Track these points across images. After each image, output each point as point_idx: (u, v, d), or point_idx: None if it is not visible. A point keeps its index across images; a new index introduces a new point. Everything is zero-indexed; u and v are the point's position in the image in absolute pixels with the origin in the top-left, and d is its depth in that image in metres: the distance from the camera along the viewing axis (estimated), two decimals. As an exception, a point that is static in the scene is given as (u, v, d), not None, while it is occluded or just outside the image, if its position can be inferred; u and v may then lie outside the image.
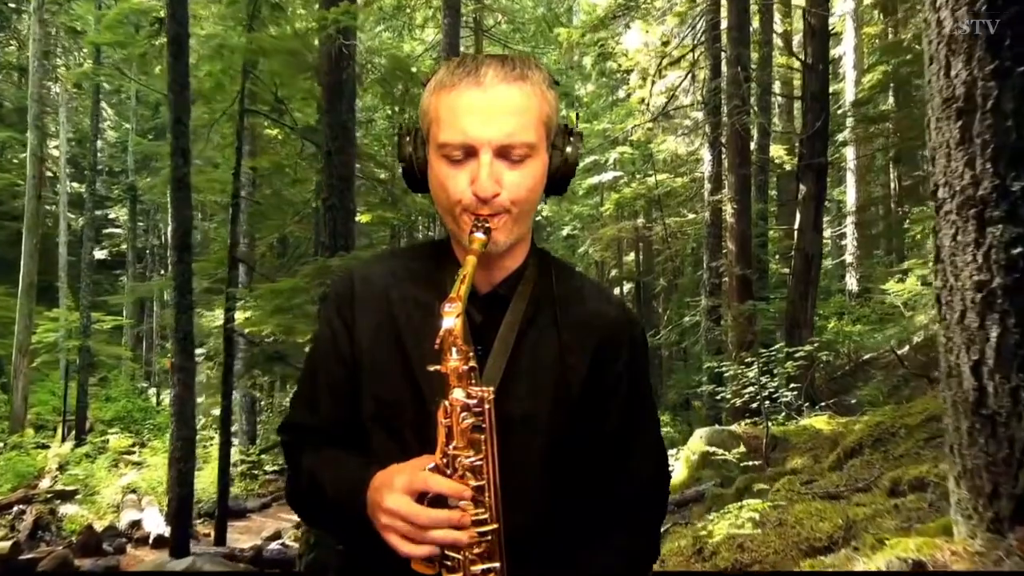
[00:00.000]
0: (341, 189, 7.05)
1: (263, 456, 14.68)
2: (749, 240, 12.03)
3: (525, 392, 1.14)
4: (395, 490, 1.01)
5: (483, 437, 1.02)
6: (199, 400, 20.31)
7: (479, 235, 1.06)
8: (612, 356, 1.20)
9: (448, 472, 1.01)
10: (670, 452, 11.00)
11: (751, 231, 12.21)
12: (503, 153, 1.08)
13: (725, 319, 11.86)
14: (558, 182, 1.18)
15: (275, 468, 14.03)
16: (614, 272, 24.29)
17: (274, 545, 10.03)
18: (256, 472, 14.11)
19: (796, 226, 11.95)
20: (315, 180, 11.96)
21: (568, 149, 1.17)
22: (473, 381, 1.02)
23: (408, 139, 1.18)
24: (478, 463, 1.01)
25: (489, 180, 1.06)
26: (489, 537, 1.02)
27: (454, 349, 1.00)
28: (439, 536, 0.99)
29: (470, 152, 1.07)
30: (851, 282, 19.70)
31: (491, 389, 1.03)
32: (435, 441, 1.02)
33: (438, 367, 1.01)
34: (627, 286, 24.53)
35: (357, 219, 10.47)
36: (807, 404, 9.51)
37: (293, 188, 11.61)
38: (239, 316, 9.29)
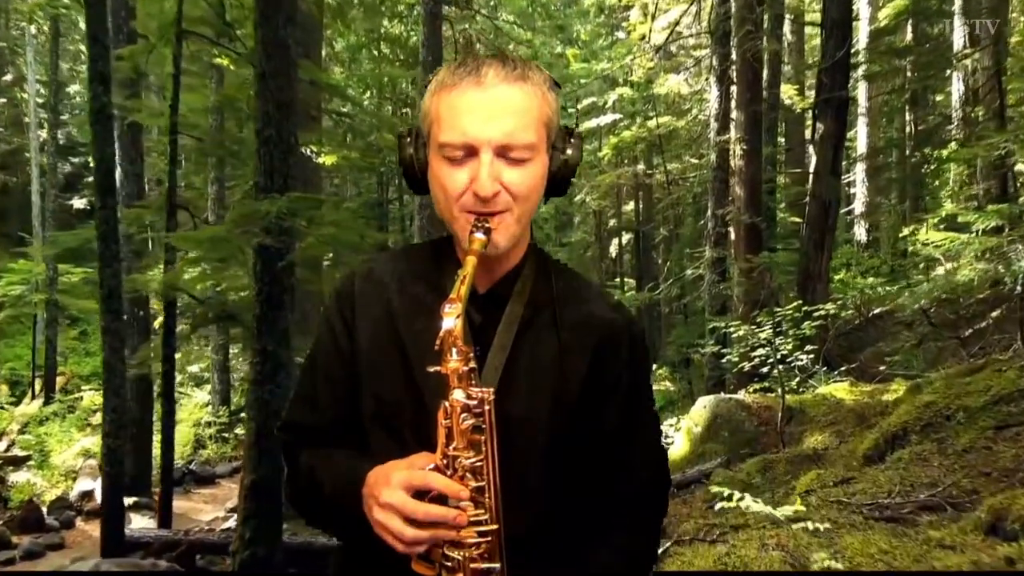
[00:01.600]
0: (278, 119, 5.73)
1: (242, 415, 13.49)
2: (759, 185, 10.69)
3: (524, 392, 1.11)
4: (392, 486, 0.98)
5: (483, 438, 1.00)
6: (177, 355, 19.21)
7: (479, 235, 1.04)
8: (611, 356, 1.17)
9: (448, 473, 0.98)
10: (670, 421, 9.84)
11: (761, 175, 10.86)
12: (503, 153, 1.05)
13: (731, 273, 10.60)
14: (558, 183, 1.16)
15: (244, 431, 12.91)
16: (612, 222, 23.01)
17: (232, 522, 8.96)
18: (227, 435, 12.97)
19: (812, 169, 10.60)
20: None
21: (569, 151, 1.15)
22: (473, 382, 1.00)
23: (408, 140, 1.15)
24: (478, 464, 1.00)
25: (489, 179, 1.04)
26: (489, 537, 1.00)
27: (454, 350, 0.98)
28: (430, 533, 0.96)
29: (470, 152, 1.05)
30: (859, 232, 18.50)
31: (491, 390, 1.00)
32: (434, 441, 1.01)
33: (438, 368, 0.99)
34: (626, 236, 23.25)
35: (320, 160, 9.16)
36: (824, 368, 8.32)
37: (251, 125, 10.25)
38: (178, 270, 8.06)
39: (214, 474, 11.68)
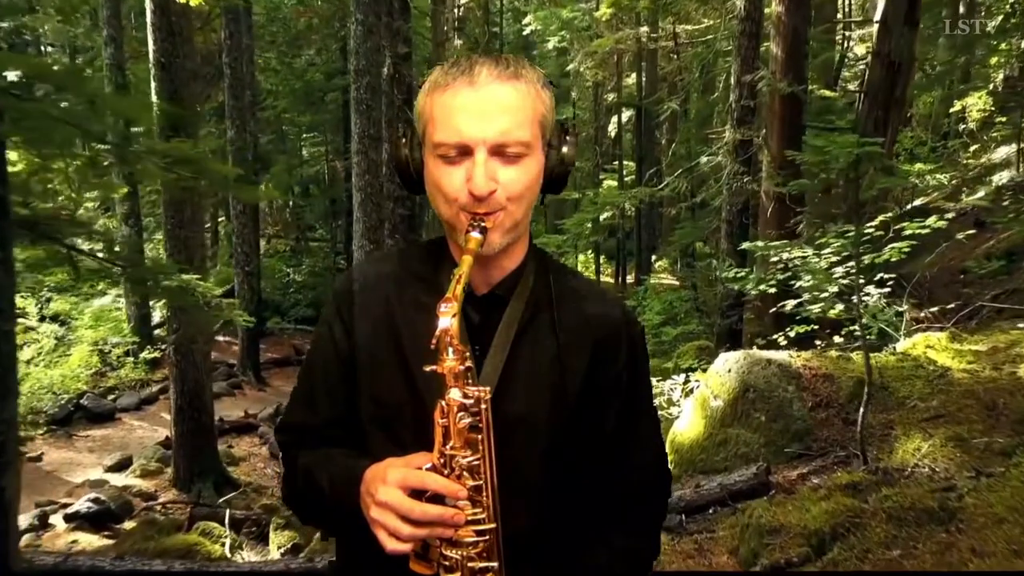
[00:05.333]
0: None
1: (157, 333, 10.88)
2: (803, 41, 7.57)
3: (523, 392, 1.06)
4: (389, 483, 0.92)
5: (480, 437, 0.95)
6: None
7: (475, 235, 1.00)
8: (610, 356, 1.12)
9: (445, 472, 0.93)
10: (674, 379, 7.20)
11: (807, 28, 7.72)
12: (498, 151, 1.01)
13: (764, 160, 7.67)
14: (555, 181, 1.10)
15: (156, 354, 10.29)
16: (612, 96, 19.64)
17: (85, 502, 6.52)
18: (135, 360, 10.38)
19: (877, 17, 7.47)
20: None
21: (565, 148, 1.09)
22: (470, 381, 0.95)
23: (404, 140, 1.11)
24: (475, 463, 0.94)
25: (484, 178, 0.99)
26: (487, 537, 0.96)
27: (450, 349, 0.93)
28: (426, 531, 0.91)
29: (465, 151, 1.01)
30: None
31: (487, 389, 0.96)
32: (433, 442, 0.95)
33: (434, 367, 0.94)
34: (626, 114, 19.97)
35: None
36: (906, 308, 5.57)
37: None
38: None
39: (114, 409, 9.21)
